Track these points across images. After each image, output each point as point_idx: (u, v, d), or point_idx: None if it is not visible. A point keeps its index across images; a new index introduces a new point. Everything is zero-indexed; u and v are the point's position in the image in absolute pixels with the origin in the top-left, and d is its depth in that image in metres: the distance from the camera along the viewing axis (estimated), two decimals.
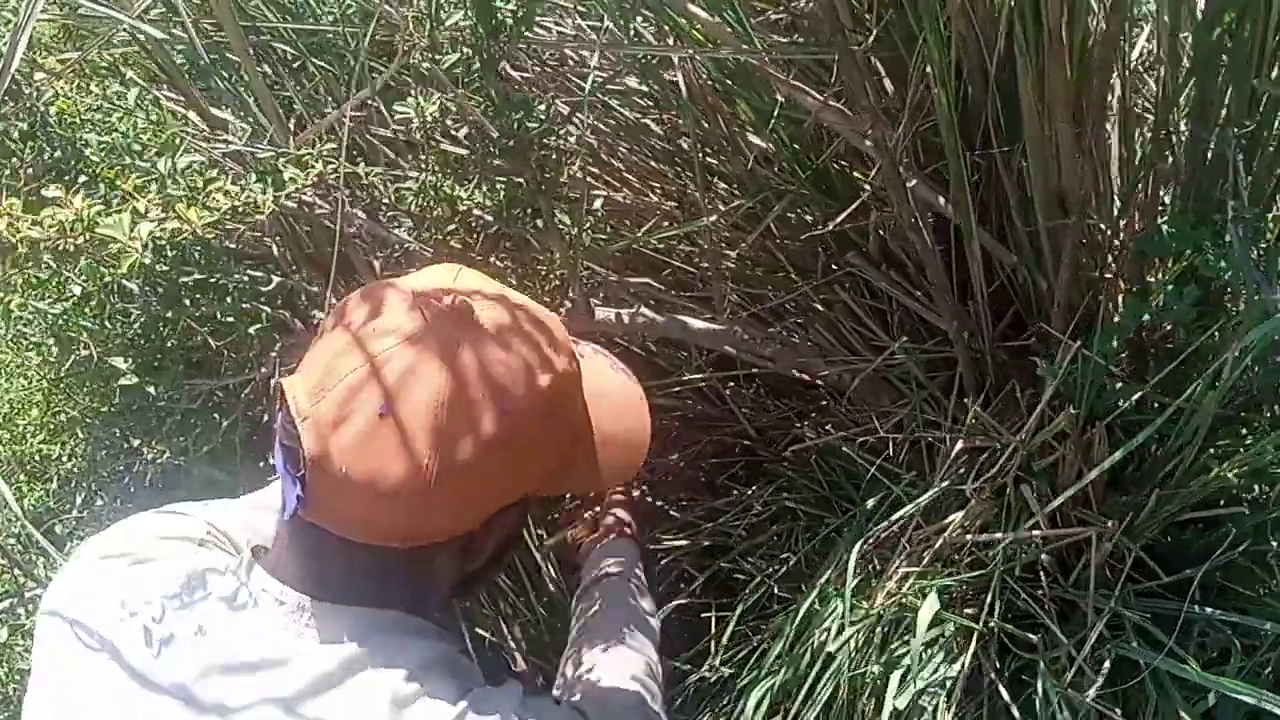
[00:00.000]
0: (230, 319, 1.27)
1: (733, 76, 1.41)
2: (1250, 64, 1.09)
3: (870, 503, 1.47)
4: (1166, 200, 1.42)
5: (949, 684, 1.13)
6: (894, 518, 1.25)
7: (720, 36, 1.28)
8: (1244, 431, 1.22)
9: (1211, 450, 1.14)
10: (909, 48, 1.31)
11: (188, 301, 1.27)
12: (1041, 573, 1.27)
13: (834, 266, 1.51)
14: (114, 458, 1.44)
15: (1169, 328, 1.33)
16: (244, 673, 0.74)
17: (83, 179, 1.24)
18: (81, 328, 1.29)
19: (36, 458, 1.73)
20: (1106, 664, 1.06)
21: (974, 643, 1.19)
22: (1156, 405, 1.24)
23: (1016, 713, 1.11)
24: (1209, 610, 1.09)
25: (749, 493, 1.68)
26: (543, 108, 1.19)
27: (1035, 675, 1.21)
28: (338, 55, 1.60)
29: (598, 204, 1.38)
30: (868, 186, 1.54)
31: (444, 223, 1.28)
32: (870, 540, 1.30)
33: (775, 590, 1.57)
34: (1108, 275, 1.43)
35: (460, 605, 1.61)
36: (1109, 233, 1.37)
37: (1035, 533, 1.22)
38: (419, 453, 0.71)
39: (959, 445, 1.25)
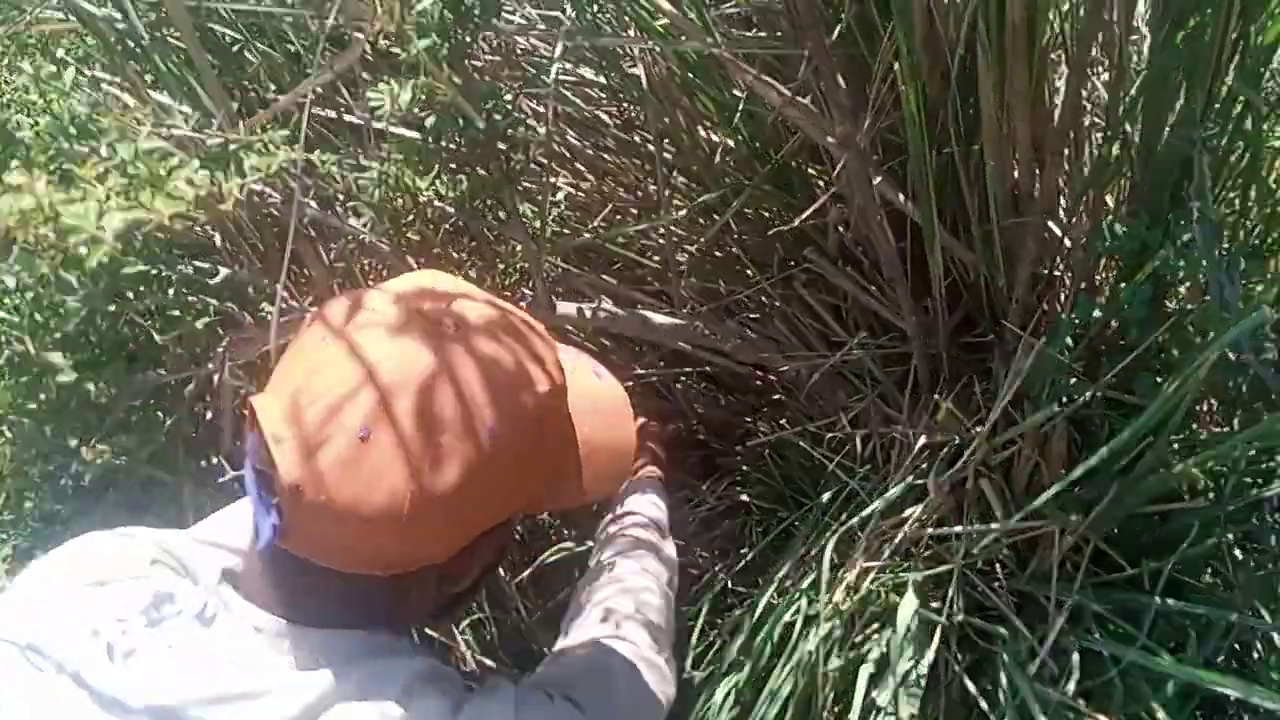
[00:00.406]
0: (176, 312, 1.21)
1: (694, 70, 1.39)
2: (1210, 66, 1.12)
3: (825, 497, 1.48)
4: (1109, 201, 1.46)
5: (916, 679, 1.14)
6: (864, 513, 1.25)
7: (684, 28, 1.27)
8: (1194, 425, 1.26)
9: (1175, 445, 1.17)
10: (870, 45, 1.32)
11: (130, 294, 1.20)
12: (998, 566, 1.29)
13: (791, 262, 1.51)
14: (43, 458, 1.37)
15: (1116, 325, 1.36)
16: (225, 703, 0.69)
17: (15, 162, 1.17)
18: (7, 322, 1.22)
19: None
20: (1076, 656, 1.08)
21: (937, 637, 1.20)
22: (1103, 398, 1.27)
23: (985, 705, 1.13)
24: (1170, 602, 1.11)
25: (703, 487, 1.68)
26: (509, 97, 1.16)
27: (995, 668, 1.23)
28: (279, 38, 1.54)
29: (560, 195, 1.35)
30: (821, 183, 1.55)
31: (402, 214, 1.24)
32: (831, 534, 1.30)
33: (730, 585, 1.57)
34: (1056, 273, 1.46)
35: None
36: (1060, 232, 1.40)
37: (995, 526, 1.23)
38: (400, 480, 0.67)
39: (922, 440, 1.26)
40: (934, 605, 1.22)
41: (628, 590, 1.07)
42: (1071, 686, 1.04)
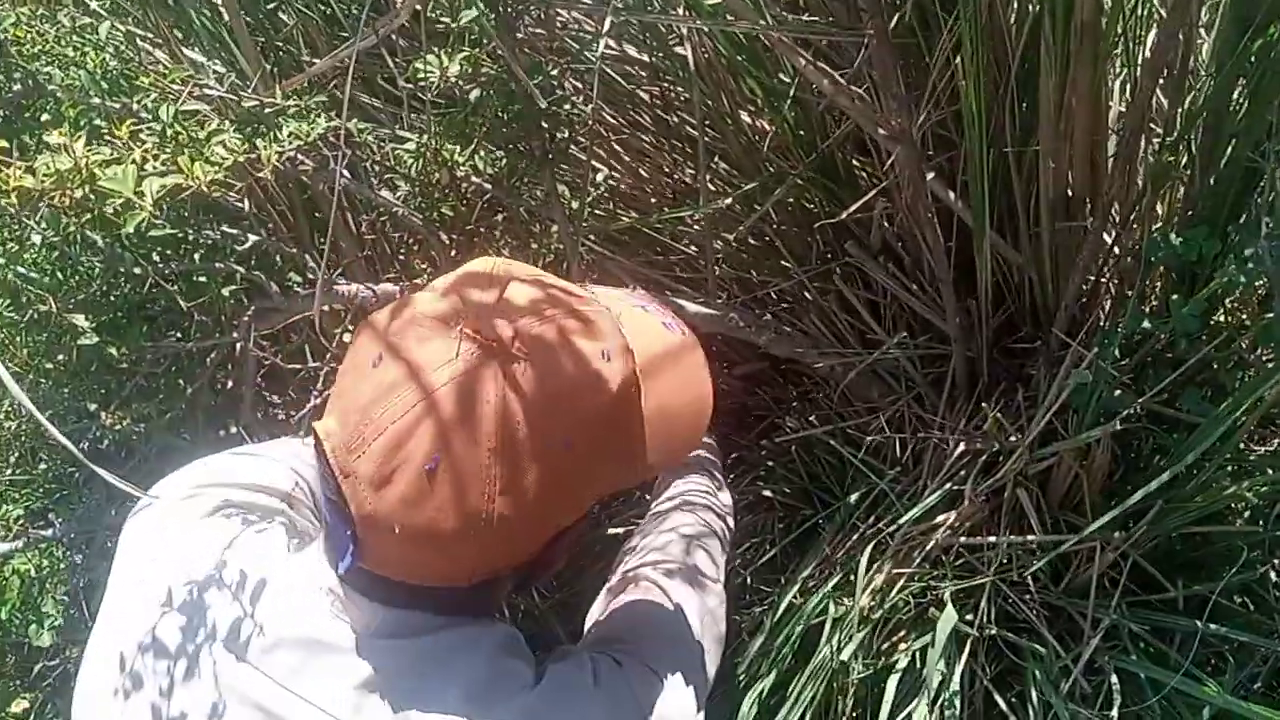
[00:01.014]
0: (202, 278, 1.18)
1: (742, 52, 1.35)
2: None
3: (853, 497, 1.45)
4: (1159, 209, 1.42)
5: (949, 696, 1.11)
6: (901, 520, 1.22)
7: (735, 8, 1.23)
8: (1240, 447, 1.22)
9: (1226, 466, 1.14)
10: (926, 37, 1.28)
11: (157, 257, 1.17)
12: (1031, 579, 1.26)
13: (829, 255, 1.47)
14: (59, 419, 1.34)
15: (1162, 336, 1.32)
16: (299, 649, 0.72)
17: (45, 117, 1.14)
18: (27, 279, 1.19)
19: None
20: (1114, 679, 1.05)
21: (967, 649, 1.17)
22: (1146, 412, 1.23)
23: None
24: (1212, 626, 1.08)
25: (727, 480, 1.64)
26: (555, 72, 1.12)
27: (1021, 681, 1.21)
28: None
29: (600, 177, 1.31)
30: (865, 174, 1.51)
31: (437, 189, 1.21)
32: (861, 538, 1.27)
33: (749, 581, 1.54)
34: (1103, 280, 1.42)
35: None
36: (1109, 239, 1.36)
37: (1032, 539, 1.20)
38: (472, 504, 0.66)
39: (961, 447, 1.23)
40: (966, 616, 1.19)
41: (684, 536, 1.06)
42: (1115, 712, 1.01)
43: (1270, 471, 1.07)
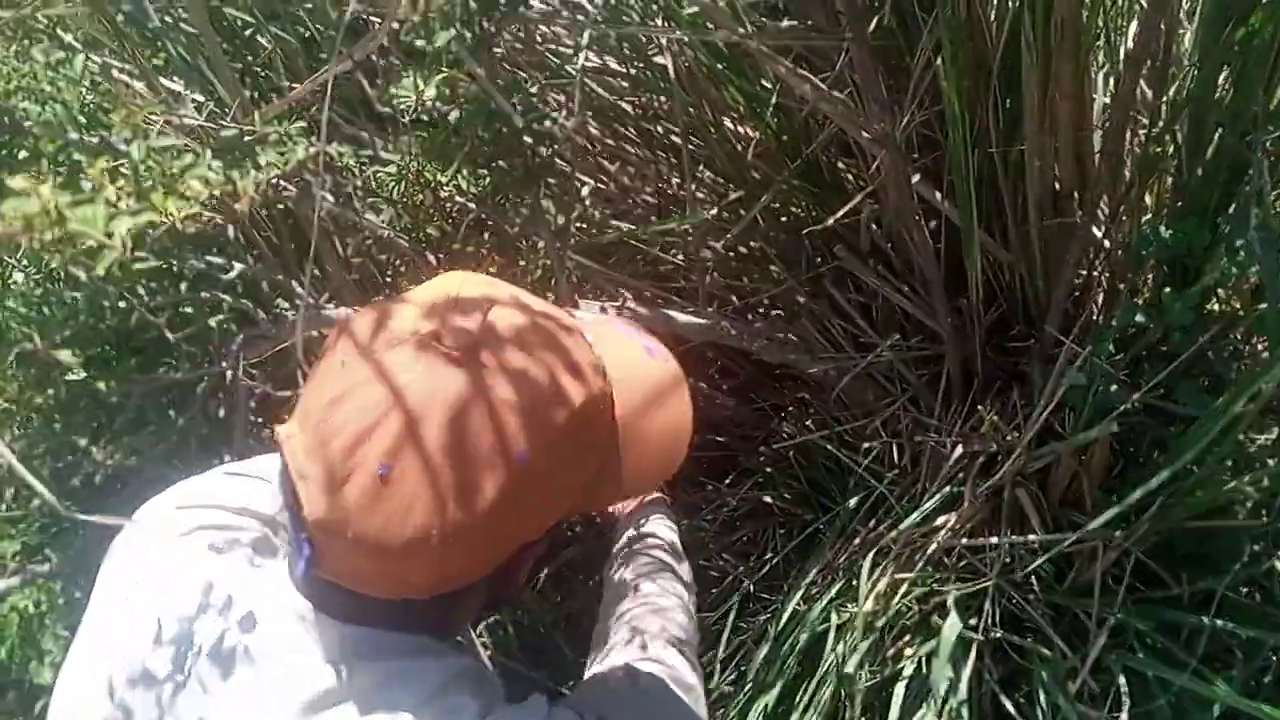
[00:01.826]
0: (189, 308, 1.18)
1: (722, 60, 1.35)
2: (1269, 64, 1.07)
3: (853, 502, 1.44)
4: (1148, 201, 1.41)
5: (956, 705, 1.10)
6: (902, 525, 1.21)
7: (713, 16, 1.22)
8: (1240, 438, 1.21)
9: (1227, 459, 1.13)
10: (907, 38, 1.27)
11: (141, 289, 1.16)
12: (1034, 579, 1.25)
13: (818, 260, 1.47)
14: (51, 455, 1.33)
15: (1155, 330, 1.31)
16: (246, 664, 0.71)
17: (23, 154, 1.13)
18: (13, 313, 1.18)
19: None
20: (1121, 678, 1.04)
21: (972, 652, 1.16)
22: (1141, 408, 1.23)
23: None
24: (1219, 622, 1.07)
25: (724, 488, 1.64)
26: (535, 89, 1.12)
27: (1029, 682, 1.20)
28: (293, 22, 1.49)
29: (585, 191, 1.30)
30: (850, 177, 1.50)
31: (422, 209, 1.20)
32: (863, 543, 1.26)
33: (752, 589, 1.53)
34: (1094, 275, 1.42)
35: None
36: (1100, 234, 1.35)
37: (1034, 538, 1.19)
38: (427, 513, 0.64)
39: (959, 450, 1.22)
40: (970, 620, 1.18)
41: (655, 612, 1.04)
42: (1124, 714, 1.00)
43: (1272, 463, 1.06)
